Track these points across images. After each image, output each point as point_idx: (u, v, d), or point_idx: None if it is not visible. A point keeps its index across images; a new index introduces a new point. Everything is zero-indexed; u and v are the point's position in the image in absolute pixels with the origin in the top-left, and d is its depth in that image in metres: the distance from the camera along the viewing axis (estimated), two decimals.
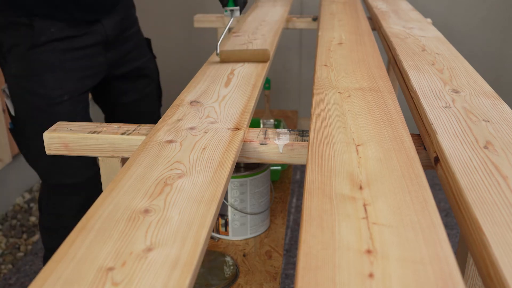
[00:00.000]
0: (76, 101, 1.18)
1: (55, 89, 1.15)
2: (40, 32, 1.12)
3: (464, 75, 0.94)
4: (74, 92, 1.17)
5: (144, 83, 1.40)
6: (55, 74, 1.15)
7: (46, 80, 1.14)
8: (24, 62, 1.14)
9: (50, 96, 1.14)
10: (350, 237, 0.46)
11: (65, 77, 1.16)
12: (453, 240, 1.99)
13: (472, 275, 0.71)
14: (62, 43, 1.15)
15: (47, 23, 1.12)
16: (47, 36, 1.13)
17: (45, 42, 1.13)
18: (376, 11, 1.61)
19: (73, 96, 1.17)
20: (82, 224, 0.51)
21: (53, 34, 1.13)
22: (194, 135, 0.73)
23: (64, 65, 1.16)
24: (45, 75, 1.14)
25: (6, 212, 2.15)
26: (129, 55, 1.33)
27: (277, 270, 1.26)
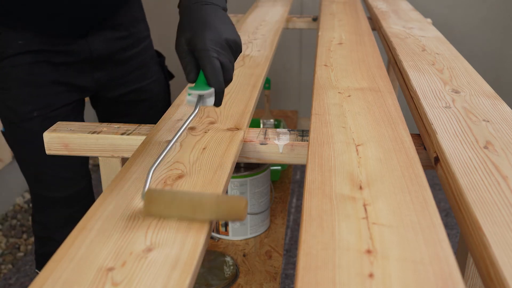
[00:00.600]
0: (47, 118, 1.07)
1: (24, 104, 1.06)
2: (6, 44, 1.03)
3: (464, 75, 0.94)
4: (46, 109, 1.07)
5: (144, 107, 1.24)
6: (24, 89, 1.06)
7: (16, 95, 1.06)
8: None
9: (20, 111, 1.06)
10: (350, 237, 0.46)
11: (34, 92, 1.06)
12: (453, 240, 1.99)
13: (472, 275, 0.71)
14: (33, 56, 1.04)
15: (13, 34, 1.03)
16: (14, 49, 1.03)
17: (12, 54, 1.03)
18: (376, 11, 1.61)
19: (44, 112, 1.07)
20: (82, 224, 0.51)
21: (21, 46, 1.03)
22: (194, 135, 0.73)
23: (34, 79, 1.06)
24: (14, 89, 1.06)
25: (6, 212, 2.15)
26: (129, 76, 1.19)
27: (277, 270, 1.26)
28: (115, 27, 1.12)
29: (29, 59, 1.04)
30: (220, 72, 0.67)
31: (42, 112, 1.07)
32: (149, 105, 1.25)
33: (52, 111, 1.08)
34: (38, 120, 1.06)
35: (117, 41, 1.13)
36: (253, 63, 1.10)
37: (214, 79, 0.66)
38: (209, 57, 0.66)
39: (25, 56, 1.04)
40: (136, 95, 1.21)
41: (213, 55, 0.66)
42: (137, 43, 1.19)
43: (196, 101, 0.67)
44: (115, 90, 1.18)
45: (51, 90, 1.07)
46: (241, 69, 1.06)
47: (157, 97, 1.26)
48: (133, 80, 1.20)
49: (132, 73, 1.19)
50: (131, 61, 1.18)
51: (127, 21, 1.16)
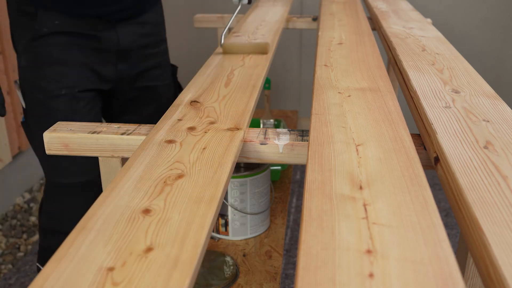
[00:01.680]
0: (74, 97, 1.13)
1: (53, 82, 1.11)
2: (42, 23, 1.09)
3: (464, 75, 0.94)
4: (73, 88, 1.13)
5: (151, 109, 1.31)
6: (54, 67, 1.12)
7: (46, 72, 1.11)
8: (28, 54, 1.12)
9: (48, 89, 1.11)
10: (350, 237, 0.46)
11: (64, 71, 1.12)
12: (453, 240, 1.99)
13: (472, 275, 0.71)
14: (66, 37, 1.11)
15: (51, 14, 1.09)
16: (50, 28, 1.10)
17: (47, 33, 1.10)
18: (376, 11, 1.61)
19: (72, 91, 1.13)
20: (82, 224, 0.51)
21: (57, 26, 1.10)
22: (194, 135, 0.73)
23: (65, 59, 1.12)
24: (45, 67, 1.11)
25: (6, 212, 2.15)
26: (146, 73, 1.26)
27: (277, 270, 1.26)
28: (141, 23, 1.21)
29: (63, 39, 1.11)
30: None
31: (69, 90, 1.12)
32: (157, 107, 1.31)
33: (78, 92, 1.13)
34: (65, 98, 1.12)
35: (142, 37, 1.22)
36: (253, 63, 1.10)
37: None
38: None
39: (59, 36, 1.10)
40: (149, 94, 1.29)
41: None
42: (158, 44, 1.29)
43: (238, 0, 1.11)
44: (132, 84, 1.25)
45: (79, 72, 1.14)
46: (241, 69, 1.06)
47: (166, 101, 1.32)
48: (150, 78, 1.27)
49: (149, 71, 1.27)
50: (150, 60, 1.26)
51: (152, 22, 1.25)
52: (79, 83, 1.14)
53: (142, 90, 1.28)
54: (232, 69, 1.06)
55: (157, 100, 1.30)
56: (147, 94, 1.29)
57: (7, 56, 2.07)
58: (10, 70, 2.09)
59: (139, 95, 1.28)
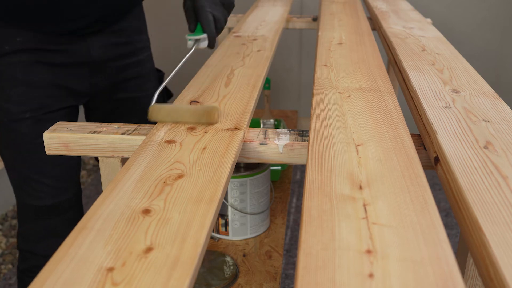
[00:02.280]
0: (39, 120, 1.05)
1: (16, 104, 1.03)
2: (3, 40, 1.01)
3: (464, 75, 0.94)
4: (39, 110, 1.04)
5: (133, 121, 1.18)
6: (18, 88, 1.03)
7: (9, 94, 1.03)
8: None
9: (11, 111, 1.03)
10: (350, 237, 0.46)
11: (28, 93, 1.03)
12: (453, 240, 1.99)
13: (472, 275, 0.71)
14: (30, 54, 1.02)
15: (12, 31, 1.01)
16: (11, 46, 1.01)
17: (8, 52, 1.01)
18: (376, 11, 1.61)
19: (37, 114, 1.04)
20: (82, 224, 0.51)
21: (18, 43, 1.01)
22: (194, 135, 0.73)
23: (30, 79, 1.03)
24: (8, 88, 1.03)
25: (6, 212, 2.15)
26: (126, 83, 1.18)
27: (277, 270, 1.26)
28: (115, 32, 1.12)
29: (26, 57, 1.02)
30: (212, 22, 0.89)
31: (34, 113, 1.04)
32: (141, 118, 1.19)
33: (44, 113, 1.05)
34: (29, 122, 1.04)
35: (116, 47, 1.13)
36: (253, 63, 1.10)
37: (207, 27, 0.89)
38: (204, 11, 0.89)
39: (22, 55, 1.02)
40: (129, 105, 1.20)
41: (207, 9, 0.89)
42: (136, 53, 1.19)
43: (193, 44, 0.91)
44: (110, 97, 1.17)
45: (47, 92, 1.05)
46: (241, 69, 1.06)
47: None
48: (129, 89, 1.19)
49: (128, 81, 1.18)
50: (128, 70, 1.17)
51: (128, 29, 1.16)
52: (45, 104, 1.06)
53: (122, 101, 1.19)
54: (232, 69, 1.06)
55: (139, 110, 1.18)
56: (128, 105, 1.20)
57: None
58: None
59: (118, 107, 1.20)
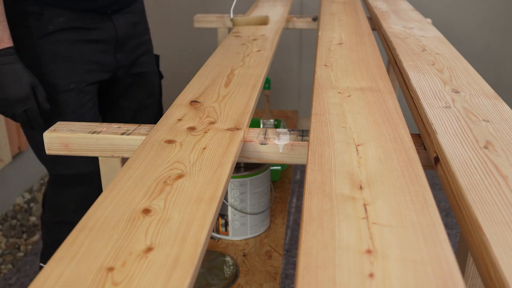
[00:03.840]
0: (82, 91, 1.20)
1: (61, 78, 1.18)
2: (48, 21, 1.15)
3: (464, 75, 0.94)
4: (81, 83, 1.20)
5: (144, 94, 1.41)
6: (62, 64, 1.18)
7: (54, 69, 1.17)
8: (33, 52, 1.16)
9: (57, 84, 1.17)
10: (350, 237, 0.46)
11: (72, 67, 1.19)
12: (453, 240, 1.99)
13: (472, 275, 0.71)
14: (71, 33, 1.18)
15: (56, 12, 1.15)
16: (55, 25, 1.15)
17: (53, 31, 1.15)
18: (376, 11, 1.61)
19: (79, 86, 1.20)
20: (82, 224, 0.51)
21: (62, 23, 1.16)
22: (194, 135, 0.73)
23: (72, 55, 1.19)
24: (53, 64, 1.17)
25: (6, 212, 2.15)
26: (138, 60, 1.35)
27: (277, 270, 1.26)
28: (131, 12, 1.30)
29: (68, 35, 1.18)
30: None
31: (77, 85, 1.20)
32: (148, 93, 1.41)
33: (86, 86, 1.22)
34: (74, 93, 1.19)
35: (133, 26, 1.31)
36: (253, 63, 1.10)
37: None
38: None
39: (64, 33, 1.17)
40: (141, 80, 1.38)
41: None
42: (145, 32, 1.38)
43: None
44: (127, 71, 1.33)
45: (85, 67, 1.22)
46: (241, 69, 1.06)
47: (155, 87, 1.42)
48: (141, 64, 1.36)
49: (140, 57, 1.36)
50: (141, 47, 1.35)
51: (139, 10, 1.35)
52: (85, 77, 1.22)
53: (136, 76, 1.36)
54: (232, 69, 1.06)
55: (148, 86, 1.39)
56: (140, 80, 1.37)
57: None
58: None
59: (133, 81, 1.36)
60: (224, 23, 1.87)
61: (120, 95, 1.38)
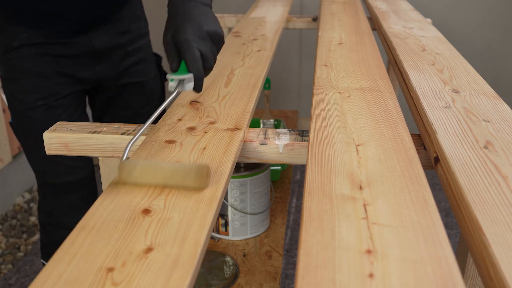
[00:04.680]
0: (52, 107, 1.14)
1: (29, 94, 1.12)
2: (12, 36, 1.09)
3: (464, 75, 0.94)
4: (50, 97, 1.14)
5: (139, 103, 1.30)
6: (29, 79, 1.12)
7: (21, 84, 1.12)
8: (3, 66, 1.13)
9: (26, 100, 1.13)
10: (350, 237, 0.46)
11: (39, 82, 1.13)
12: (453, 240, 1.99)
13: (472, 275, 0.71)
14: (37, 48, 1.11)
15: (17, 28, 1.08)
16: (19, 41, 1.09)
17: (17, 46, 1.10)
18: (376, 11, 1.61)
19: (48, 101, 1.13)
20: (82, 224, 0.51)
21: (25, 39, 1.09)
22: (194, 135, 0.73)
23: (39, 70, 1.12)
24: (20, 80, 1.12)
25: (6, 212, 2.15)
26: (129, 69, 1.24)
27: (277, 270, 1.26)
28: (115, 22, 1.17)
29: (33, 50, 1.10)
30: (199, 59, 0.76)
31: (46, 101, 1.13)
32: (145, 101, 1.30)
33: (55, 100, 1.14)
34: (42, 109, 1.13)
35: (117, 36, 1.18)
36: (253, 63, 1.10)
37: (192, 65, 0.75)
38: (189, 46, 0.75)
39: (29, 48, 1.10)
40: (134, 90, 1.27)
41: (193, 45, 0.75)
42: (137, 40, 1.24)
43: (176, 85, 0.74)
44: (115, 82, 1.23)
45: (54, 80, 1.14)
46: (241, 69, 1.06)
47: (153, 94, 1.31)
48: (133, 74, 1.25)
49: (131, 67, 1.24)
50: (131, 56, 1.23)
51: (128, 18, 1.20)
52: (54, 92, 1.14)
53: (126, 86, 1.26)
54: (232, 69, 1.06)
55: (143, 94, 1.29)
56: (132, 90, 1.27)
57: None
58: None
59: (122, 91, 1.26)
60: (224, 23, 1.88)
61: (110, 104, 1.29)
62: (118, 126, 0.82)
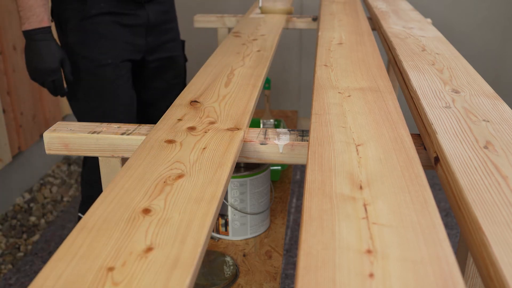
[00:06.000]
0: (118, 66, 1.40)
1: (101, 54, 1.38)
2: (91, 5, 1.35)
3: (464, 75, 0.94)
4: (117, 58, 1.40)
5: (172, 75, 1.59)
6: (101, 42, 1.38)
7: (94, 46, 1.38)
8: (77, 31, 1.37)
9: (97, 59, 1.37)
10: (350, 237, 0.46)
11: (109, 45, 1.39)
12: (453, 240, 1.99)
13: (472, 275, 0.71)
14: (110, 17, 1.37)
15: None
16: (97, 10, 1.35)
17: (95, 14, 1.35)
18: (376, 11, 1.61)
19: (116, 61, 1.40)
20: (82, 224, 0.51)
21: (102, 8, 1.36)
22: (194, 135, 0.73)
23: (109, 35, 1.39)
24: (93, 42, 1.37)
25: (6, 212, 2.15)
26: (166, 45, 1.53)
27: (277, 270, 1.26)
28: (162, 2, 1.49)
29: (107, 18, 1.38)
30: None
31: (114, 60, 1.40)
32: (175, 74, 1.59)
33: (121, 62, 1.41)
34: (111, 67, 1.40)
35: (163, 14, 1.49)
36: (253, 63, 1.10)
37: None
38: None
39: (104, 16, 1.37)
40: (168, 62, 1.56)
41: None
42: (173, 20, 1.56)
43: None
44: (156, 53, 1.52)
45: (120, 46, 1.41)
46: (241, 69, 1.06)
47: (181, 68, 1.61)
48: (169, 48, 1.55)
49: (168, 42, 1.54)
50: (169, 33, 1.53)
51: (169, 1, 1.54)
52: (121, 54, 1.41)
53: (164, 59, 1.54)
54: (232, 69, 1.06)
55: (175, 68, 1.59)
56: (168, 63, 1.56)
57: (6, 56, 2.07)
58: (10, 70, 2.09)
59: (161, 64, 1.55)
60: (224, 23, 1.88)
61: (151, 76, 1.55)
62: (118, 126, 0.82)
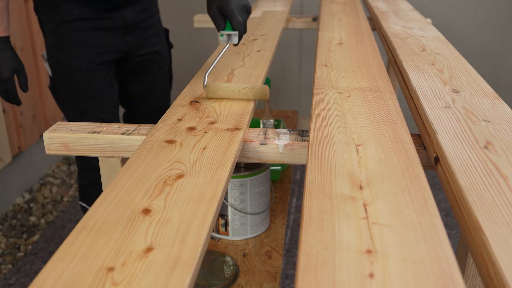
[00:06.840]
0: (92, 70, 1.43)
1: (75, 60, 1.41)
2: (65, 12, 1.36)
3: (464, 75, 0.94)
4: (91, 63, 1.42)
5: (157, 67, 1.61)
6: (76, 49, 1.41)
7: (69, 53, 1.40)
8: (53, 36, 1.40)
9: (72, 65, 1.41)
10: (350, 237, 0.46)
11: (84, 51, 1.41)
12: (453, 240, 1.99)
13: (472, 275, 0.71)
14: (85, 22, 1.39)
15: (72, 5, 1.35)
16: (70, 16, 1.37)
17: (69, 21, 1.37)
18: (376, 11, 1.61)
19: (90, 66, 1.42)
20: (82, 224, 0.51)
21: (76, 14, 1.37)
22: (194, 135, 0.73)
23: (85, 41, 1.40)
24: (68, 48, 1.40)
25: (6, 212, 2.15)
26: (149, 40, 1.54)
27: (277, 270, 1.26)
28: (140, 1, 1.48)
29: (81, 24, 1.39)
30: (242, 22, 1.01)
31: (88, 66, 1.42)
32: (159, 66, 1.62)
33: (95, 65, 1.43)
34: (85, 72, 1.42)
35: (141, 12, 1.49)
36: (253, 63, 1.10)
37: (238, 25, 1.00)
38: (235, 14, 1.00)
39: (78, 23, 1.39)
40: (152, 56, 1.58)
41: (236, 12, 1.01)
42: (153, 15, 1.56)
43: (227, 39, 1.01)
44: (138, 51, 1.54)
45: (95, 50, 1.43)
46: (241, 69, 1.05)
47: (165, 59, 1.63)
48: (151, 44, 1.57)
49: (150, 38, 1.55)
50: (150, 29, 1.54)
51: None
52: (95, 59, 1.43)
53: (148, 54, 1.56)
54: (232, 69, 1.06)
55: (158, 60, 1.61)
56: (151, 57, 1.58)
57: None
58: None
59: (145, 58, 1.57)
60: None
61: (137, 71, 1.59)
62: (118, 126, 0.82)
